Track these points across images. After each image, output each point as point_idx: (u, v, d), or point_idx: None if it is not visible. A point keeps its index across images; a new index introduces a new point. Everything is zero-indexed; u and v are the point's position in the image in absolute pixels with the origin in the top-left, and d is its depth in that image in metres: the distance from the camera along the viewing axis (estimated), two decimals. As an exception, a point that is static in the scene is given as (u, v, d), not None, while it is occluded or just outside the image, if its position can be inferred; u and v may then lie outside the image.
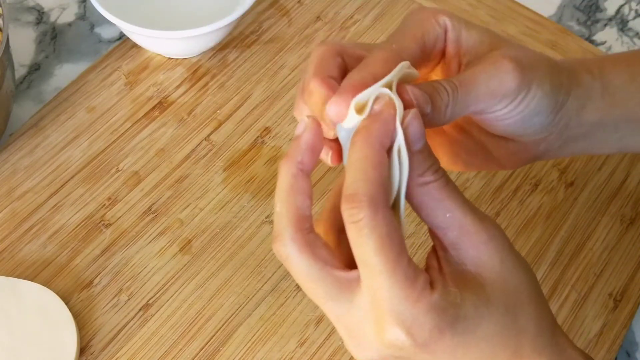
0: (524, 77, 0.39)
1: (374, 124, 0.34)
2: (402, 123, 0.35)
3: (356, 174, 0.33)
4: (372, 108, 0.34)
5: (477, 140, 0.45)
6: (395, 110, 0.34)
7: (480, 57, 0.41)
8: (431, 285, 0.34)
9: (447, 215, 0.35)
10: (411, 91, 0.36)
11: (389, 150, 0.35)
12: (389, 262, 0.32)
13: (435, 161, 0.36)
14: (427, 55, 0.41)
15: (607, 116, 0.44)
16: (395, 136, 0.34)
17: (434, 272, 0.36)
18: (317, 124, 0.36)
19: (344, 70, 0.39)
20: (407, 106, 0.36)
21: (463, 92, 0.38)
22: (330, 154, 0.38)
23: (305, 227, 0.35)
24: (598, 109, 0.44)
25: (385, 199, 0.33)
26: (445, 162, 0.46)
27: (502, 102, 0.40)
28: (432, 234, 0.37)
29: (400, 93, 0.36)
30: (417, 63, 0.40)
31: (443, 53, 0.42)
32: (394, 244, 0.33)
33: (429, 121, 0.37)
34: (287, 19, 0.74)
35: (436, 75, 0.44)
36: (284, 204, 0.35)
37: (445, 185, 0.35)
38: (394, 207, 0.35)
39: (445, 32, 0.41)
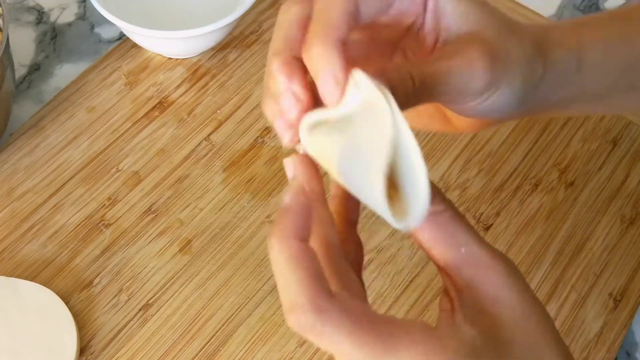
0: (494, 76, 0.37)
1: (285, 221, 0.31)
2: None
3: (285, 280, 0.30)
4: (283, 198, 0.32)
5: (440, 109, 0.43)
6: (307, 197, 0.31)
7: (460, 38, 0.38)
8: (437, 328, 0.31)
9: (462, 250, 0.32)
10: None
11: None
12: (380, 347, 0.29)
13: (437, 189, 0.33)
14: (395, 21, 0.38)
15: (577, 93, 0.43)
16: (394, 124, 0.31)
17: (446, 316, 0.32)
18: (305, 156, 0.33)
19: None
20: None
21: (431, 85, 0.35)
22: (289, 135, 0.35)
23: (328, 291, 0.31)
24: (570, 87, 0.42)
25: (325, 291, 0.29)
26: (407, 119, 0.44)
27: (467, 98, 0.37)
28: (443, 273, 0.33)
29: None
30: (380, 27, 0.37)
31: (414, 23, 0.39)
32: (368, 328, 0.29)
33: None
34: (287, 19, 0.74)
35: (409, 45, 0.41)
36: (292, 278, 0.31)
37: (456, 215, 0.33)
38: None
39: (425, 1, 0.38)
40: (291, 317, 0.29)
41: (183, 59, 0.71)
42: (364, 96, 0.32)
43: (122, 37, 0.73)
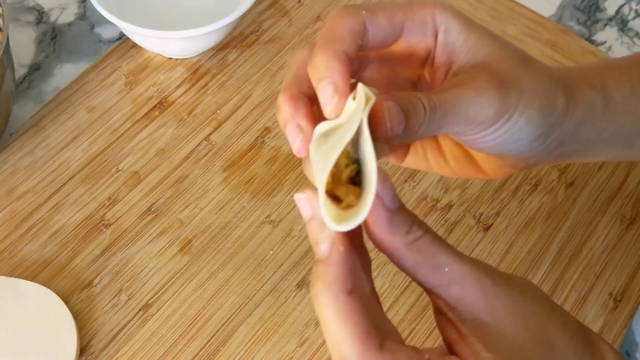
0: (505, 104, 0.37)
1: (327, 274, 0.31)
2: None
3: (334, 335, 0.31)
4: (320, 249, 0.32)
5: (465, 150, 0.43)
6: (342, 248, 0.32)
7: (470, 70, 0.38)
8: None
9: (446, 270, 0.33)
10: (387, 110, 0.33)
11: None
12: None
13: (414, 216, 0.34)
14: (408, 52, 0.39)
15: (604, 132, 0.43)
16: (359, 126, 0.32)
17: (460, 346, 0.33)
18: (346, 246, 0.32)
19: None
20: (379, 123, 0.33)
21: (440, 114, 0.35)
22: (298, 142, 0.35)
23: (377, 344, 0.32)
24: (597, 126, 0.42)
25: (373, 345, 0.31)
26: (434, 167, 0.44)
27: (477, 128, 0.37)
28: (433, 294, 0.34)
29: (376, 111, 0.33)
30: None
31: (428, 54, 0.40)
32: None
33: (397, 138, 0.34)
34: (287, 19, 0.74)
35: (426, 84, 0.42)
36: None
37: (435, 238, 0.33)
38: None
39: (436, 34, 0.39)
40: None
41: (183, 59, 0.71)
42: (355, 105, 0.33)
43: (122, 37, 0.73)
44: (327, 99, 0.34)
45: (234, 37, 0.72)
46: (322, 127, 0.34)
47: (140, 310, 0.57)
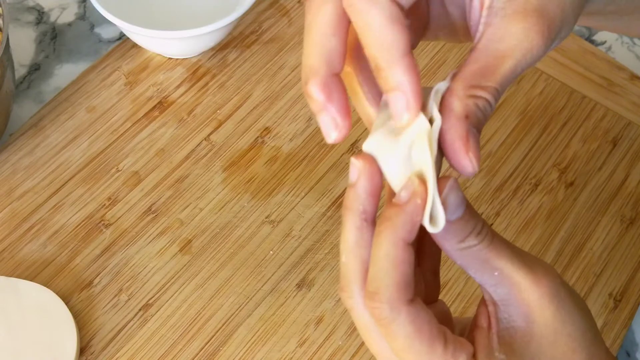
0: (550, 40, 0.34)
1: (399, 218, 0.32)
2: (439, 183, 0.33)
3: (378, 271, 0.32)
4: (400, 194, 0.32)
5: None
6: (423, 200, 0.32)
7: (512, 7, 0.34)
8: (475, 358, 0.33)
9: (495, 274, 0.34)
10: (470, 156, 0.34)
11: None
12: (422, 356, 0.32)
13: (477, 223, 0.33)
14: None
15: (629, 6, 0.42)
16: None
17: (482, 336, 0.34)
18: (371, 165, 0.33)
19: (354, 38, 0.34)
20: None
21: (502, 90, 0.34)
22: (336, 133, 0.33)
23: None
24: (615, 2, 0.41)
25: (407, 296, 0.32)
26: (443, 40, 0.41)
27: None
28: (482, 287, 0.35)
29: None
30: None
31: None
32: (424, 338, 0.32)
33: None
34: (287, 19, 0.74)
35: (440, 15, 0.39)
36: (350, 257, 0.33)
37: (489, 245, 0.33)
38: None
39: None
40: (371, 302, 0.32)
41: (183, 59, 0.71)
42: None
43: (122, 37, 0.73)
44: (399, 112, 0.32)
45: (234, 37, 0.72)
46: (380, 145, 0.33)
47: (140, 310, 0.57)
